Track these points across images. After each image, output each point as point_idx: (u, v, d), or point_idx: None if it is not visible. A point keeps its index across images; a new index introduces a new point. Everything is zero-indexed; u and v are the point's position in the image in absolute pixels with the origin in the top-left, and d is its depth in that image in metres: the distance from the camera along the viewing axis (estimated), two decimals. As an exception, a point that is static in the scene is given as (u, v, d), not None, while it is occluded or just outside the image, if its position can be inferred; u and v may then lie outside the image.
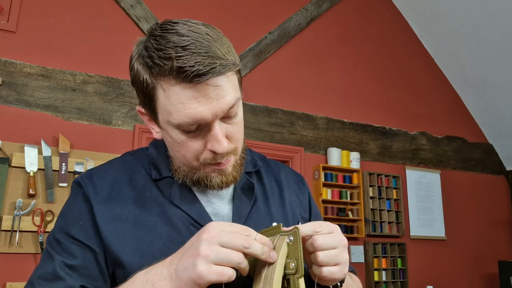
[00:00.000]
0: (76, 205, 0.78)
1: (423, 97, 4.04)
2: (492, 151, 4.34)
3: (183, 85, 0.67)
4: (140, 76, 0.71)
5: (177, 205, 0.77)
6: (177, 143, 0.73)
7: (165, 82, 0.68)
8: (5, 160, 2.30)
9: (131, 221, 0.75)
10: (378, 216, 3.45)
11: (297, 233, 0.64)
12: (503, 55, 3.68)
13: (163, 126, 0.74)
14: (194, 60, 0.65)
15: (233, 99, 0.70)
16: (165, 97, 0.69)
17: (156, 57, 0.67)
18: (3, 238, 2.25)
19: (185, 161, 0.76)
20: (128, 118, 2.72)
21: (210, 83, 0.67)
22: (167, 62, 0.66)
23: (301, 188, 0.96)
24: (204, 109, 0.68)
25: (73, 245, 0.73)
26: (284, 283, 0.64)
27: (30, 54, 2.52)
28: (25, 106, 2.45)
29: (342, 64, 3.65)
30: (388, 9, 4.05)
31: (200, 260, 0.59)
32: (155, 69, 0.68)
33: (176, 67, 0.65)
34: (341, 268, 0.68)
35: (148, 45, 0.70)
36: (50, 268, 0.72)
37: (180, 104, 0.68)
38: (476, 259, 3.93)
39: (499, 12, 3.46)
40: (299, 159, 3.25)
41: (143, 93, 0.72)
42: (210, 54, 0.67)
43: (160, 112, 0.72)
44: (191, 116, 0.68)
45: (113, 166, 0.83)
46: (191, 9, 3.04)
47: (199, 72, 0.65)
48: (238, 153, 0.78)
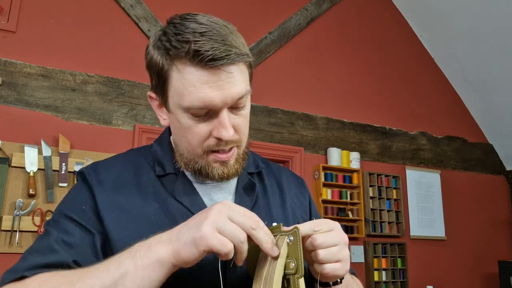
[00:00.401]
0: (79, 193, 0.79)
1: (423, 97, 4.04)
2: (492, 151, 4.34)
3: (198, 69, 0.69)
4: (156, 59, 0.74)
5: (179, 200, 0.79)
6: (184, 127, 0.75)
7: (180, 64, 0.70)
8: (5, 160, 2.30)
9: (133, 213, 0.76)
10: (378, 216, 3.45)
11: (297, 233, 0.64)
12: (503, 55, 3.68)
13: (173, 110, 0.75)
14: (210, 46, 0.68)
15: (243, 89, 0.73)
16: (179, 80, 0.71)
17: (174, 40, 0.70)
18: (3, 238, 2.25)
19: (189, 147, 0.77)
20: (128, 118, 2.72)
21: (224, 69, 0.70)
22: (185, 45, 0.69)
23: (302, 190, 0.97)
24: (215, 95, 0.70)
25: (72, 225, 0.74)
26: (284, 283, 0.64)
27: (30, 54, 2.52)
28: (25, 106, 2.45)
29: (342, 64, 3.65)
30: (388, 9, 4.05)
31: (207, 222, 0.60)
32: (172, 51, 0.70)
33: (192, 50, 0.68)
34: (342, 264, 0.68)
35: (167, 31, 0.73)
36: (45, 242, 0.72)
37: (193, 87, 0.70)
38: (476, 259, 3.93)
39: (499, 12, 3.46)
40: (299, 159, 3.25)
41: (157, 76, 0.74)
42: (226, 42, 0.70)
43: (172, 95, 0.74)
44: (202, 100, 0.70)
45: (118, 160, 0.85)
46: (191, 9, 3.04)
47: (214, 57, 0.68)
48: (241, 147, 0.80)
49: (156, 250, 0.62)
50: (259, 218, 0.63)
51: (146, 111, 2.78)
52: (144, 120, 2.76)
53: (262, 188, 0.89)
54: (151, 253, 0.62)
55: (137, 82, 2.79)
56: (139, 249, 0.63)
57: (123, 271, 0.62)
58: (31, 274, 0.67)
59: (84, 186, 0.79)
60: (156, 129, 2.76)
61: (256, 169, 0.90)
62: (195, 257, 0.60)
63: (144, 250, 0.63)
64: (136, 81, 2.79)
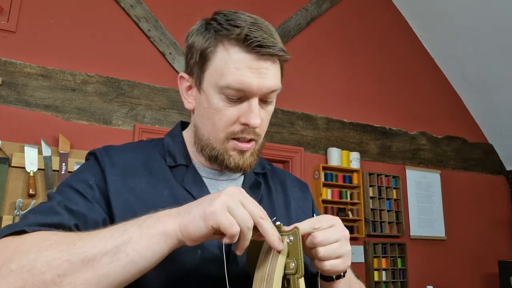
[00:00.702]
0: (89, 170, 0.79)
1: (423, 97, 4.04)
2: (492, 151, 4.34)
3: (244, 51, 0.73)
4: (200, 39, 0.77)
5: (188, 190, 0.80)
6: (213, 108, 0.76)
7: (228, 44, 0.74)
8: (5, 160, 2.30)
9: (142, 199, 0.77)
10: (378, 216, 3.45)
11: (297, 233, 0.64)
12: (503, 55, 3.68)
13: (206, 90, 0.77)
14: (260, 34, 0.73)
15: (277, 84, 0.78)
16: (222, 58, 0.74)
17: (226, 24, 0.74)
18: (3, 238, 2.25)
19: (213, 130, 0.78)
20: (128, 118, 2.72)
21: (267, 59, 0.74)
22: (236, 29, 0.73)
23: (305, 194, 0.99)
24: (254, 80, 0.73)
25: (77, 195, 0.73)
26: (284, 283, 0.64)
27: (30, 54, 2.52)
28: (25, 106, 2.45)
29: (342, 64, 3.65)
30: (388, 9, 4.05)
31: (219, 200, 0.60)
32: (223, 32, 0.74)
33: (244, 34, 0.72)
34: (343, 260, 0.69)
35: (217, 18, 0.77)
36: (48, 205, 0.71)
37: (235, 68, 0.73)
38: (476, 259, 3.93)
39: (499, 12, 3.46)
40: (299, 159, 3.25)
41: (200, 53, 0.77)
42: (273, 36, 0.76)
43: (210, 74, 0.76)
44: (240, 82, 0.73)
45: (129, 147, 0.87)
46: (191, 9, 3.04)
47: (262, 44, 0.72)
48: (259, 142, 0.82)
49: (164, 221, 0.61)
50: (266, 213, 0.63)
51: (146, 111, 2.79)
52: (144, 120, 2.76)
53: (267, 189, 0.90)
54: (158, 223, 0.61)
55: (137, 82, 2.79)
56: (146, 219, 0.63)
57: (126, 238, 0.60)
58: (31, 230, 0.65)
59: (95, 165, 0.79)
60: (156, 129, 2.76)
61: (262, 170, 0.93)
62: (202, 233, 0.60)
63: (151, 220, 0.62)
64: (136, 81, 2.79)
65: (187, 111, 2.91)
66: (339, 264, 0.68)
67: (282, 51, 0.76)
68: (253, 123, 0.75)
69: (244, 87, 0.73)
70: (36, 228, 0.65)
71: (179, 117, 2.88)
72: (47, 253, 0.59)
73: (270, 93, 0.77)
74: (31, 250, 0.60)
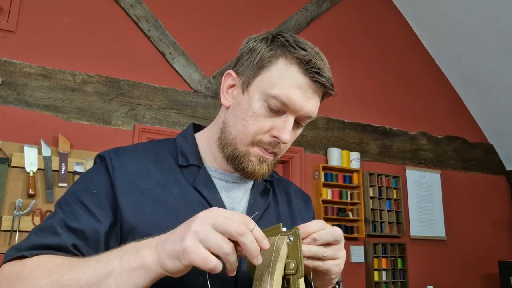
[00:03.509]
0: (95, 175, 0.80)
1: (423, 97, 4.04)
2: (492, 151, 4.33)
3: (302, 73, 0.78)
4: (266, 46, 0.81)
5: (199, 191, 0.81)
6: (252, 111, 0.79)
7: (291, 60, 0.79)
8: (5, 160, 2.30)
9: (152, 198, 0.78)
10: (378, 216, 3.44)
11: (297, 233, 0.64)
12: (503, 55, 3.68)
13: (251, 93, 0.80)
14: (321, 64, 0.79)
15: (315, 113, 0.82)
16: (279, 71, 0.79)
17: (294, 43, 0.79)
18: (3, 238, 2.25)
19: (243, 132, 0.80)
20: (128, 118, 2.72)
21: (317, 87, 0.80)
22: (302, 51, 0.79)
23: (308, 206, 1.01)
24: (299, 100, 0.78)
25: (80, 210, 0.75)
26: (284, 283, 0.64)
27: (30, 54, 2.52)
28: (24, 106, 2.45)
29: (342, 64, 3.65)
30: (388, 9, 4.05)
31: (189, 235, 0.58)
32: (290, 49, 0.79)
33: (308, 57, 0.78)
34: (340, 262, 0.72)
35: (286, 35, 0.82)
36: (49, 222, 0.75)
37: (288, 84, 0.78)
38: (476, 259, 3.92)
39: (499, 12, 3.45)
40: (299, 159, 3.25)
41: (259, 59, 0.80)
42: (329, 71, 0.82)
43: (261, 80, 0.80)
44: (288, 97, 0.77)
45: (138, 147, 0.87)
46: (191, 9, 3.04)
47: (320, 72, 0.78)
48: (278, 156, 0.85)
49: (143, 255, 0.61)
50: (248, 218, 0.61)
51: (146, 111, 2.78)
52: (144, 120, 2.76)
53: (274, 196, 0.93)
54: (137, 257, 0.61)
55: (137, 82, 2.79)
56: (128, 250, 0.63)
57: (109, 270, 0.62)
58: (32, 254, 0.70)
59: (102, 170, 0.80)
60: (156, 129, 2.76)
61: (270, 178, 0.95)
62: (180, 269, 0.59)
63: (132, 252, 0.62)
64: (136, 81, 2.79)
65: (187, 111, 2.91)
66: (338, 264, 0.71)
67: (331, 86, 0.82)
68: (283, 139, 0.78)
69: (289, 103, 0.77)
70: (37, 252, 0.70)
71: (179, 117, 2.88)
72: (41, 282, 0.65)
73: (306, 118, 0.81)
74: (28, 277, 0.66)
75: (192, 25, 3.03)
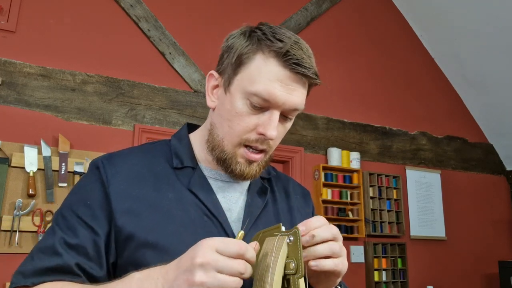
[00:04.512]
0: (89, 185, 0.80)
1: (423, 97, 4.04)
2: (492, 151, 4.33)
3: (280, 65, 0.75)
4: (241, 43, 0.78)
5: (195, 193, 0.80)
6: (235, 111, 0.78)
7: (268, 54, 0.76)
8: (5, 160, 2.30)
9: (147, 203, 0.77)
10: (378, 216, 3.44)
11: (297, 233, 0.64)
12: (503, 55, 3.67)
13: (233, 92, 0.78)
14: (300, 53, 0.75)
15: (301, 104, 0.80)
16: (258, 67, 0.76)
17: (271, 36, 0.76)
18: (3, 238, 2.25)
19: (229, 133, 0.79)
20: (128, 118, 2.72)
21: (299, 78, 0.76)
22: (279, 43, 0.75)
23: (307, 201, 1.00)
24: (281, 94, 0.75)
25: (77, 223, 0.75)
26: (284, 283, 0.64)
27: (30, 54, 2.52)
28: (24, 106, 2.45)
29: (342, 64, 3.65)
30: (388, 9, 4.04)
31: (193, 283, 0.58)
32: (266, 42, 0.76)
33: (285, 49, 0.74)
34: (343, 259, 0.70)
35: (263, 28, 0.79)
36: (50, 242, 0.74)
37: (267, 79, 0.75)
38: (476, 259, 3.92)
39: (499, 12, 3.45)
40: (299, 159, 3.25)
41: (237, 56, 0.78)
42: (311, 59, 0.78)
43: (241, 78, 0.77)
44: (269, 92, 0.75)
45: (132, 152, 0.86)
46: (191, 9, 3.04)
47: (299, 63, 0.74)
48: (268, 154, 0.83)
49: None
50: (242, 243, 0.61)
51: (146, 111, 2.78)
52: (144, 120, 2.76)
53: (272, 194, 0.92)
54: None
55: (137, 82, 2.79)
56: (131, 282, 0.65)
57: None
58: (36, 283, 0.71)
59: (96, 179, 0.79)
60: (156, 129, 2.76)
61: (267, 175, 0.94)
62: None
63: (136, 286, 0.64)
64: (136, 81, 2.79)
65: (187, 111, 2.91)
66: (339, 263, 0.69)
67: (315, 75, 0.78)
68: (270, 135, 0.76)
69: (270, 98, 0.75)
70: (41, 280, 0.72)
71: (179, 117, 2.88)
72: None
73: (292, 111, 0.79)
74: None
75: (192, 25, 3.03)
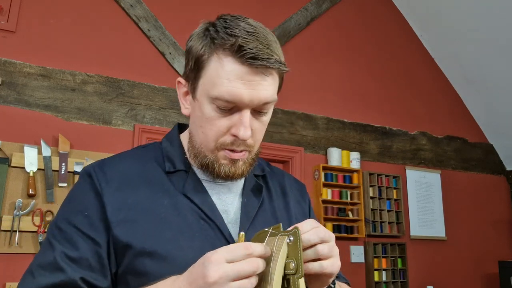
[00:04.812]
0: (83, 195, 0.77)
1: (423, 97, 4.04)
2: (492, 151, 4.33)
3: (237, 63, 0.71)
4: (198, 45, 0.76)
5: (190, 198, 0.78)
6: (205, 117, 0.75)
7: (222, 54, 0.72)
8: (5, 160, 2.30)
9: (142, 210, 0.75)
10: (378, 216, 3.44)
11: (297, 233, 0.64)
12: (503, 55, 3.67)
13: (199, 98, 0.76)
14: (255, 45, 0.70)
15: (272, 96, 0.75)
16: (215, 69, 0.72)
17: (223, 32, 0.72)
18: (3, 238, 2.25)
19: (204, 139, 0.77)
20: (128, 118, 2.72)
21: (261, 71, 0.72)
22: (232, 38, 0.71)
23: (303, 195, 0.99)
24: (245, 92, 0.71)
25: (75, 235, 0.73)
26: (284, 283, 0.64)
27: (30, 54, 2.52)
28: (24, 106, 2.45)
29: (342, 64, 3.65)
30: (388, 9, 4.04)
31: None
32: (218, 41, 0.72)
33: (238, 44, 0.70)
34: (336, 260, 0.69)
35: (217, 23, 0.75)
36: (50, 257, 0.71)
37: (226, 79, 0.71)
38: (476, 259, 3.92)
39: (499, 12, 3.45)
40: (299, 159, 3.25)
41: (195, 61, 0.75)
42: (270, 47, 0.72)
43: (203, 83, 0.75)
44: (231, 94, 0.71)
45: (124, 157, 0.84)
46: (191, 9, 3.04)
47: (256, 56, 0.70)
48: (253, 152, 0.80)
49: None
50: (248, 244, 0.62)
51: (146, 111, 2.78)
52: (144, 120, 2.76)
53: (267, 191, 0.90)
54: None
55: (137, 82, 2.79)
56: None
57: None
58: None
59: (90, 188, 0.77)
60: (156, 129, 2.75)
61: (261, 172, 0.92)
62: None
63: None
64: (136, 81, 2.79)
65: (187, 111, 2.91)
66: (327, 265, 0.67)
67: (278, 63, 0.72)
68: (242, 135, 0.73)
69: (235, 99, 0.71)
70: None
71: (179, 117, 2.88)
72: None
73: (263, 105, 0.75)
74: None
75: (192, 25, 3.00)
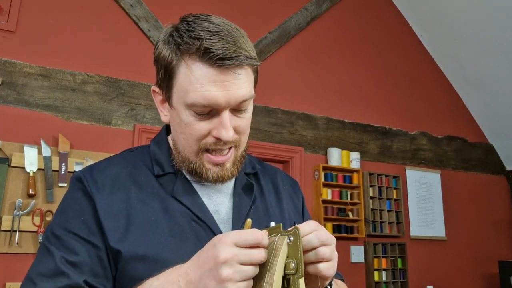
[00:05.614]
0: (76, 200, 0.77)
1: (423, 97, 4.04)
2: (492, 151, 4.33)
3: (206, 66, 0.70)
4: (165, 53, 0.74)
5: (180, 200, 0.78)
6: (184, 123, 0.74)
7: (190, 60, 0.71)
8: (5, 160, 2.30)
9: (133, 216, 0.75)
10: (378, 216, 3.44)
11: (297, 233, 0.64)
12: (503, 55, 3.67)
13: (175, 106, 0.75)
14: (221, 45, 0.69)
15: (248, 93, 0.74)
16: (186, 76, 0.71)
17: (186, 36, 0.71)
18: (3, 238, 2.25)
19: (187, 144, 0.76)
20: (128, 118, 2.72)
21: (232, 70, 0.70)
22: (196, 41, 0.70)
23: (296, 192, 0.98)
24: (220, 94, 0.70)
25: (73, 241, 0.72)
26: (284, 283, 0.64)
27: (30, 54, 2.52)
28: (24, 106, 2.45)
29: (342, 64, 3.65)
30: (388, 9, 4.04)
31: (227, 284, 0.59)
32: (183, 46, 0.71)
33: (203, 47, 0.69)
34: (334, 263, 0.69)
35: (180, 27, 0.74)
36: (50, 264, 0.70)
37: (199, 84, 0.70)
38: (476, 259, 3.92)
39: (499, 12, 3.45)
40: (299, 159, 3.25)
41: (164, 70, 0.74)
42: (237, 44, 0.70)
43: (177, 91, 0.74)
44: (206, 98, 0.70)
45: (113, 162, 0.83)
46: (191, 9, 3.04)
47: (224, 56, 0.68)
48: (240, 148, 0.79)
49: None
50: (256, 231, 0.62)
51: (146, 111, 2.78)
52: (144, 120, 2.76)
53: (259, 189, 0.89)
54: None
55: (137, 82, 2.79)
56: None
57: None
58: None
59: (82, 193, 0.77)
60: (156, 129, 2.75)
61: (252, 170, 0.91)
62: None
63: None
64: (136, 81, 2.79)
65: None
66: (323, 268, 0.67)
67: (248, 59, 0.71)
68: (225, 137, 0.73)
69: (210, 103, 0.70)
70: None
71: (179, 117, 2.88)
72: None
73: (241, 103, 0.73)
74: None
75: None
